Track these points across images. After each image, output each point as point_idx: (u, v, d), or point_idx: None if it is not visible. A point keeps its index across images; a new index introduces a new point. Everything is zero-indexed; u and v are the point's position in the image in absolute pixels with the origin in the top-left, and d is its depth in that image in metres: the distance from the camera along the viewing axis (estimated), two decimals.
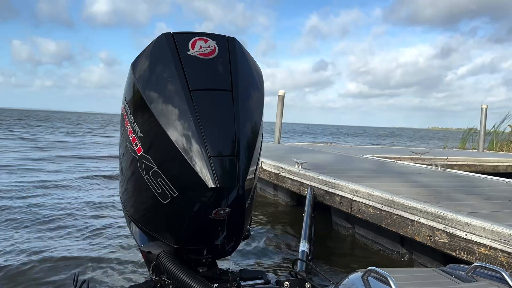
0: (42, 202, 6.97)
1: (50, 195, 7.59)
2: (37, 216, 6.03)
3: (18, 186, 8.15)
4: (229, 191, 1.43)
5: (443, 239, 3.53)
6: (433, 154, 11.05)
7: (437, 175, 6.79)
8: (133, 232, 1.88)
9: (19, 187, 8.01)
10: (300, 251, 2.97)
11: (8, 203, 6.64)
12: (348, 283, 1.66)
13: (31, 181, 8.82)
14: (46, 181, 8.91)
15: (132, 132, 1.60)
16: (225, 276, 1.79)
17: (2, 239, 4.85)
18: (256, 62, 1.75)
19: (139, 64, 1.62)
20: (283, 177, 6.57)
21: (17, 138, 22.22)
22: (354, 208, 4.74)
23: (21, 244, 4.72)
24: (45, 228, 5.48)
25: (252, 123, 1.52)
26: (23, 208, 6.43)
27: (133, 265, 4.13)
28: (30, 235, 5.12)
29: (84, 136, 27.85)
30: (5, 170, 10.19)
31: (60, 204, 6.91)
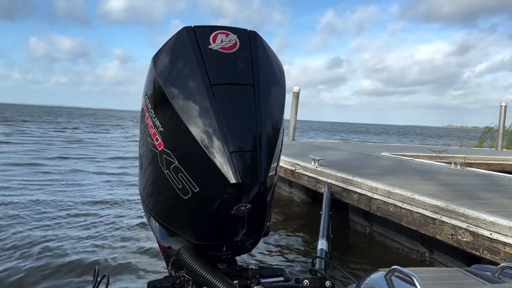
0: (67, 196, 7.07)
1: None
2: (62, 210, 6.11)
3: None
4: (251, 187, 1.39)
5: (466, 238, 3.44)
6: (451, 152, 10.87)
7: (456, 173, 6.66)
8: (152, 227, 1.86)
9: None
10: (319, 249, 2.92)
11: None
12: (370, 282, 1.61)
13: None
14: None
15: (153, 127, 1.57)
16: (244, 273, 1.76)
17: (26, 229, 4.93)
18: (277, 56, 1.71)
19: (160, 59, 1.59)
20: (299, 174, 6.52)
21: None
22: (373, 206, 4.67)
23: (40, 238, 4.78)
24: (68, 221, 5.54)
25: (273, 118, 1.48)
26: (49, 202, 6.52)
27: (152, 260, 4.13)
28: (54, 231, 5.18)
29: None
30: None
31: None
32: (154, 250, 4.35)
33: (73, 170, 10.36)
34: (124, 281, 3.64)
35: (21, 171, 9.59)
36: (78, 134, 25.42)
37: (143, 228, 5.32)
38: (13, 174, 9.14)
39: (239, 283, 1.63)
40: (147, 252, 4.38)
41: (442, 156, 9.87)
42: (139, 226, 5.47)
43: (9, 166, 10.20)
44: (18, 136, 19.85)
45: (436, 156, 9.83)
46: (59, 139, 20.32)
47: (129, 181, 9.16)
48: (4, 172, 9.21)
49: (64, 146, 16.91)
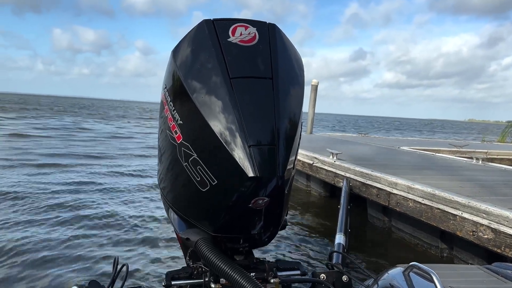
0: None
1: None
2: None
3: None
4: (269, 181, 1.38)
5: (488, 235, 3.38)
6: (472, 147, 10.65)
7: (478, 168, 6.53)
8: (171, 219, 1.87)
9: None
10: (336, 243, 2.90)
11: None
12: (388, 278, 1.59)
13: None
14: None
15: (172, 120, 1.57)
16: (261, 266, 1.76)
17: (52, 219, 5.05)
18: (297, 50, 1.69)
19: (179, 51, 1.59)
20: (317, 168, 6.48)
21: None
22: (392, 201, 4.61)
23: (63, 228, 4.89)
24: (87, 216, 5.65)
25: (292, 112, 1.47)
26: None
27: (170, 251, 4.18)
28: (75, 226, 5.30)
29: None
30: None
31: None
32: (172, 241, 4.40)
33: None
34: (142, 271, 3.70)
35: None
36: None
37: (162, 219, 5.38)
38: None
39: (256, 276, 1.63)
40: (166, 243, 4.44)
41: (463, 151, 9.68)
42: (158, 217, 5.53)
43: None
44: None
45: (457, 151, 9.65)
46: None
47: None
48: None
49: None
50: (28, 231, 4.77)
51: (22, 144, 13.08)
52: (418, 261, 1.45)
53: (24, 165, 9.29)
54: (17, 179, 7.66)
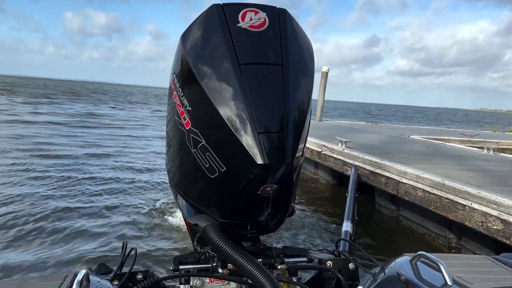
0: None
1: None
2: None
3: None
4: (277, 168, 1.37)
5: (497, 226, 3.35)
6: (483, 137, 10.53)
7: (489, 159, 6.46)
8: (179, 204, 1.87)
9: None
10: (343, 231, 2.90)
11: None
12: (395, 267, 1.58)
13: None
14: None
15: (181, 106, 1.56)
16: (269, 252, 1.77)
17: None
18: (307, 36, 1.66)
19: (188, 37, 1.57)
20: (325, 155, 6.46)
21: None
22: (400, 190, 4.59)
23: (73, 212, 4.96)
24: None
25: (301, 99, 1.45)
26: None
27: (178, 236, 4.21)
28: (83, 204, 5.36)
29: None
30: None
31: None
32: (180, 226, 4.44)
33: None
34: (151, 256, 3.74)
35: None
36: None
37: (170, 204, 5.41)
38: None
39: (263, 262, 1.64)
40: (174, 228, 4.48)
41: (474, 141, 9.58)
42: (166, 202, 5.57)
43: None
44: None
45: (468, 141, 9.55)
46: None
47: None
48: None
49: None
50: (38, 211, 4.86)
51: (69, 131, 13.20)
52: (426, 251, 1.43)
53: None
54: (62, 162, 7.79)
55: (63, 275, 1.33)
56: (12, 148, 9.14)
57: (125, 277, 1.65)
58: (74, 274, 1.33)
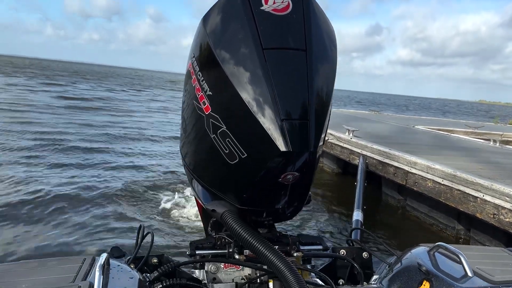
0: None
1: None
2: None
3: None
4: (300, 156, 1.33)
5: (509, 219, 3.33)
6: (487, 128, 10.51)
7: (496, 151, 6.44)
8: (195, 189, 1.84)
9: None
10: (354, 220, 2.89)
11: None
12: (411, 257, 1.55)
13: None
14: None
15: (200, 90, 1.50)
16: (285, 239, 1.75)
17: None
18: (330, 21, 1.60)
19: (210, 19, 1.51)
20: (331, 144, 6.41)
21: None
22: (409, 180, 4.56)
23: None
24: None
25: (325, 86, 1.40)
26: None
27: (193, 221, 4.20)
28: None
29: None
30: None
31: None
32: (195, 211, 4.43)
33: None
34: (166, 240, 3.73)
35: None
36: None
37: (185, 189, 5.40)
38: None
39: (279, 249, 1.61)
40: (188, 213, 4.46)
41: (478, 132, 9.55)
42: (181, 187, 5.56)
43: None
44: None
45: (472, 132, 9.52)
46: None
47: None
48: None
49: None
50: (51, 190, 4.85)
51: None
52: (434, 241, 1.41)
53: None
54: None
55: (81, 258, 1.30)
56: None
57: (142, 261, 1.62)
58: (93, 258, 1.30)
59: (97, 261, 1.25)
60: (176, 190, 5.48)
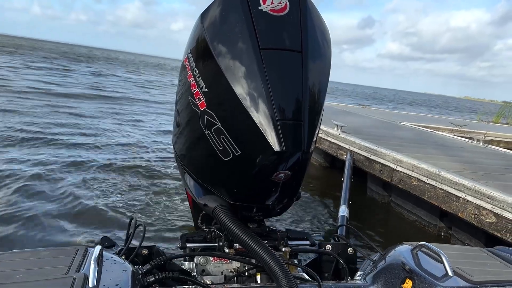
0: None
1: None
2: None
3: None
4: (293, 155, 1.38)
5: (489, 219, 3.44)
6: (472, 127, 10.69)
7: (479, 151, 6.58)
8: (187, 183, 1.87)
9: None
10: (340, 215, 2.95)
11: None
12: (395, 255, 1.62)
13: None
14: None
15: (196, 86, 1.53)
16: (273, 234, 1.80)
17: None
18: (325, 23, 1.63)
19: (208, 17, 1.53)
20: (320, 138, 6.48)
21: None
22: (395, 178, 4.66)
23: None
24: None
25: (319, 88, 1.44)
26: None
27: (185, 214, 4.22)
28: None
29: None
30: None
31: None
32: (186, 204, 4.45)
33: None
34: (157, 233, 3.76)
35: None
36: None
37: (176, 183, 5.41)
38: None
39: (268, 244, 1.66)
40: (179, 206, 4.48)
41: (462, 131, 9.72)
42: (172, 181, 5.56)
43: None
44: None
45: (457, 130, 9.69)
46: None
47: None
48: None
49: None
50: (41, 184, 4.82)
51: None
52: (416, 237, 1.46)
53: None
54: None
55: (74, 248, 1.33)
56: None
57: (134, 252, 1.66)
58: (85, 249, 1.33)
59: (90, 252, 1.27)
60: (167, 182, 5.49)
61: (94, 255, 1.20)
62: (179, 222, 4.02)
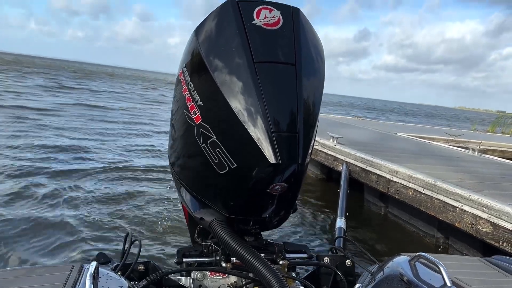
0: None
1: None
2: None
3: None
4: (288, 167, 1.38)
5: (486, 229, 3.43)
6: (467, 137, 10.74)
7: (474, 160, 6.60)
8: (183, 197, 1.86)
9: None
10: (337, 227, 2.94)
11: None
12: (393, 266, 1.61)
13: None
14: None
15: (191, 100, 1.54)
16: (270, 248, 1.79)
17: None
18: (318, 36, 1.65)
19: (203, 31, 1.54)
20: (316, 150, 6.49)
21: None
22: (391, 189, 4.66)
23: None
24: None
25: (313, 100, 1.46)
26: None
27: (181, 228, 4.21)
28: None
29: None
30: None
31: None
32: (182, 218, 4.43)
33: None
34: (152, 247, 3.72)
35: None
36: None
37: (171, 197, 5.38)
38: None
39: (266, 257, 1.65)
40: (176, 221, 4.46)
41: (458, 140, 9.76)
42: (168, 194, 5.53)
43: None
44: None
45: (452, 140, 9.73)
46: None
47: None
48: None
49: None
50: (35, 199, 4.78)
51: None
52: (414, 248, 1.46)
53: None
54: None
55: (69, 266, 1.31)
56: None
57: (130, 268, 1.64)
58: (81, 265, 1.32)
59: (85, 269, 1.26)
60: (162, 196, 5.47)
61: (90, 272, 1.19)
62: (175, 237, 3.99)
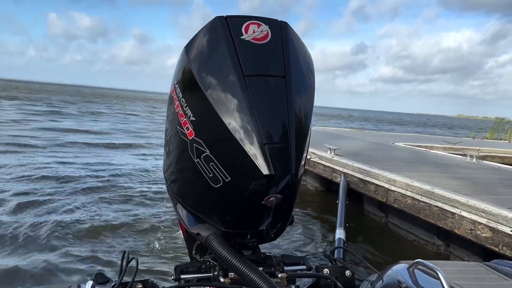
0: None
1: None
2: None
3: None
4: (282, 178, 1.39)
5: (485, 234, 3.43)
6: (465, 144, 10.76)
7: (473, 166, 6.61)
8: (179, 213, 1.87)
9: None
10: (337, 238, 2.94)
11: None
12: (392, 274, 1.61)
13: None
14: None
15: (184, 116, 1.56)
16: (269, 261, 1.79)
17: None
18: (307, 48, 1.69)
19: (192, 48, 1.58)
20: (314, 162, 6.50)
21: None
22: (390, 198, 4.66)
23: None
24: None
25: (304, 110, 1.48)
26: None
27: (179, 245, 4.19)
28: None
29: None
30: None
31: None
32: (179, 235, 4.43)
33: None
34: (150, 265, 3.71)
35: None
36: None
37: (168, 212, 5.37)
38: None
39: (264, 271, 1.65)
40: (173, 237, 4.45)
41: (456, 148, 9.78)
42: (165, 211, 5.53)
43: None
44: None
45: (451, 148, 9.74)
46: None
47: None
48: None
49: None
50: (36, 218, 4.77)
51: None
52: (415, 256, 1.47)
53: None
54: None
55: (66, 286, 1.32)
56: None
57: (127, 287, 1.64)
58: (78, 285, 1.32)
59: None
60: (159, 213, 5.46)
61: None
62: (173, 254, 3.99)
